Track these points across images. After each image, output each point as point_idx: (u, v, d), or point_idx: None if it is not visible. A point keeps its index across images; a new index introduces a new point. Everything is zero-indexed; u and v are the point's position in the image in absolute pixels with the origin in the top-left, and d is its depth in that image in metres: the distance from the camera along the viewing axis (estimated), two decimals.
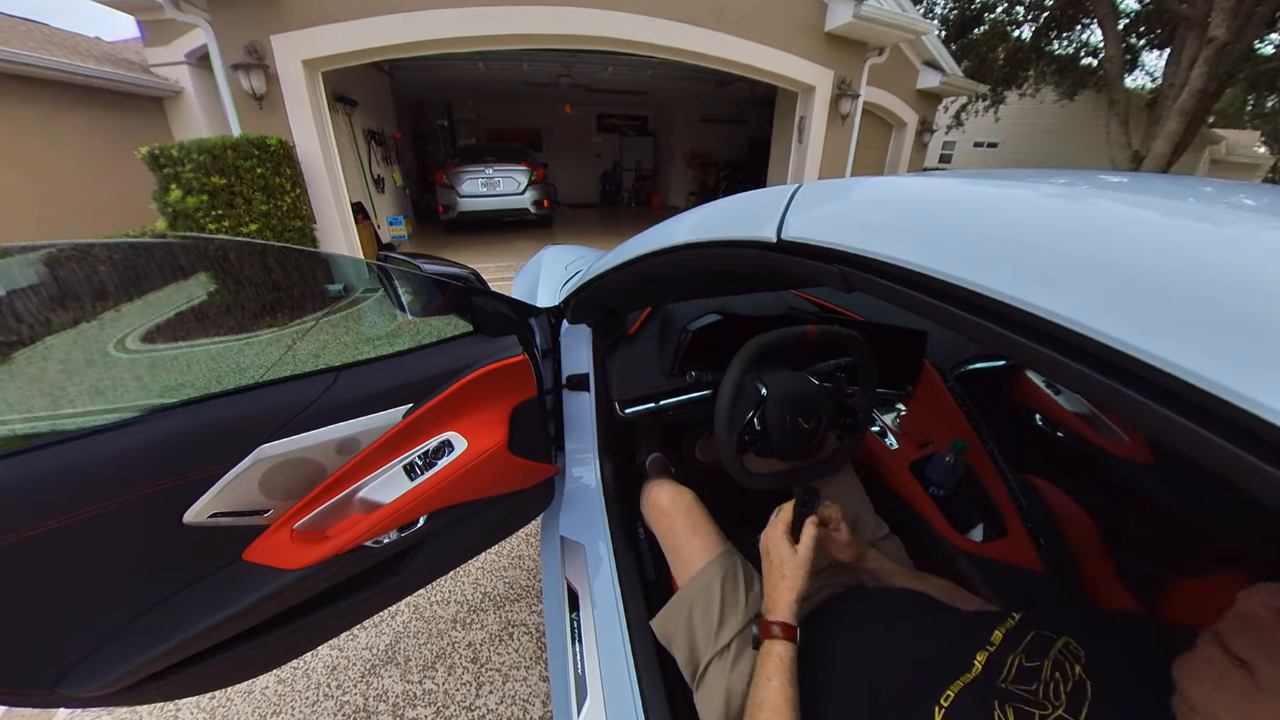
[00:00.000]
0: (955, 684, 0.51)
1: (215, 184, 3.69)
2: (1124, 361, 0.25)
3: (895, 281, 0.38)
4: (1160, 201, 0.32)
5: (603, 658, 0.78)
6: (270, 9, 4.11)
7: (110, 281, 0.87)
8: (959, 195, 0.38)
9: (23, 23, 6.39)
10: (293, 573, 0.70)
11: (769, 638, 0.61)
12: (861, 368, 0.92)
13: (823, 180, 0.53)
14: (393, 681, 1.37)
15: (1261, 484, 0.22)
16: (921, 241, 0.36)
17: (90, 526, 0.57)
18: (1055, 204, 0.34)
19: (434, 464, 0.81)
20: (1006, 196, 0.36)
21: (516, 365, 0.88)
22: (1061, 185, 0.37)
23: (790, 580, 0.65)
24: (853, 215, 0.44)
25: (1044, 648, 0.52)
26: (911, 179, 0.43)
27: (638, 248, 0.77)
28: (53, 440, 0.57)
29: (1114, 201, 0.35)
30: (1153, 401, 0.25)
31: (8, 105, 4.95)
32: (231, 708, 1.31)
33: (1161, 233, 0.28)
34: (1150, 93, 10.23)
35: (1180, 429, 0.24)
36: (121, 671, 0.62)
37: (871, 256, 0.39)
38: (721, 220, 0.62)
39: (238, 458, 0.64)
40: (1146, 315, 0.24)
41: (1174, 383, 0.23)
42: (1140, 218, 0.30)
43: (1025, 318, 0.29)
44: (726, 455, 0.82)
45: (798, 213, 0.49)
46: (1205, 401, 0.22)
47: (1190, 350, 0.23)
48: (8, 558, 0.54)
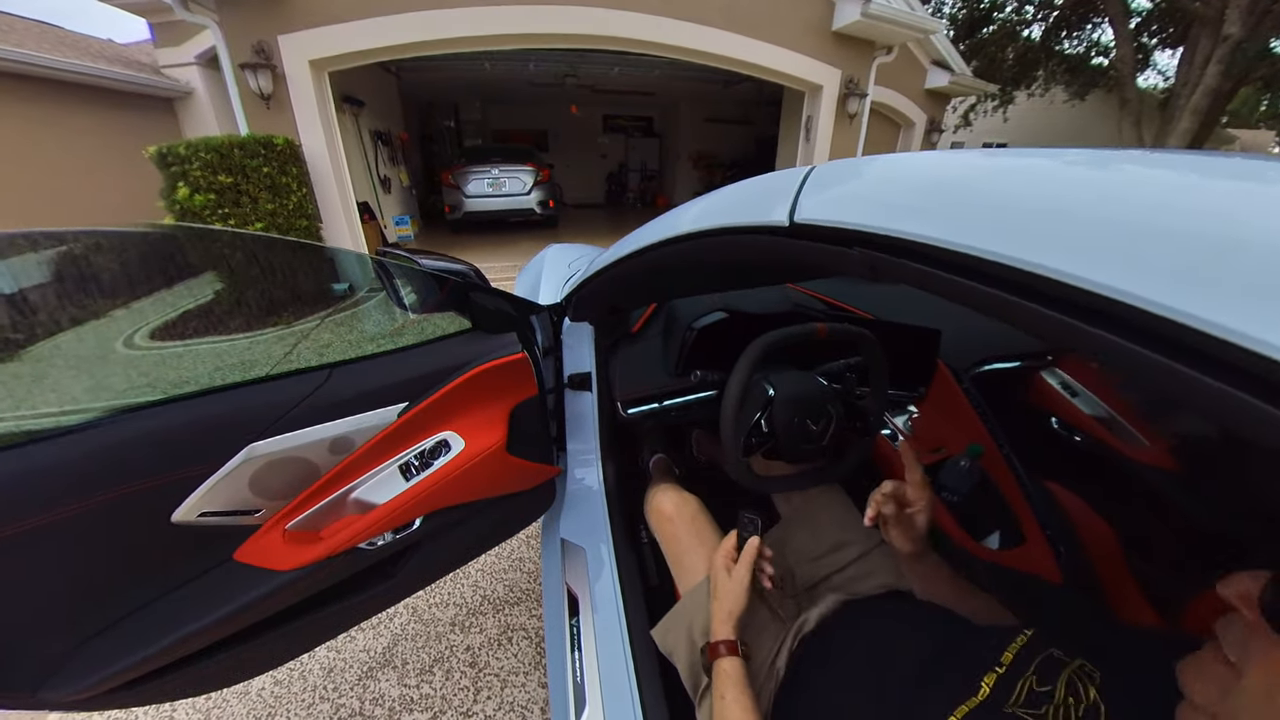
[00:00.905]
0: (961, 709, 0.49)
1: (222, 182, 3.71)
2: (1204, 344, 0.22)
3: (928, 264, 0.34)
4: (1227, 168, 0.28)
5: (602, 666, 0.76)
6: (277, 9, 4.13)
7: (115, 273, 0.85)
8: (998, 168, 0.35)
9: (36, 25, 6.47)
10: (285, 574, 0.68)
11: (715, 658, 0.63)
12: (872, 368, 0.89)
13: (839, 160, 0.49)
14: (390, 685, 1.35)
15: None
16: (958, 217, 0.33)
17: (75, 524, 0.56)
18: (1112, 174, 0.31)
19: (430, 464, 0.79)
20: (1052, 167, 0.32)
21: (516, 363, 0.86)
22: (1112, 156, 0.34)
23: (725, 603, 0.67)
24: (874, 193, 0.40)
25: (1056, 669, 0.50)
26: (939, 154, 0.40)
27: (641, 239, 0.75)
28: (39, 436, 0.56)
29: (1172, 170, 0.31)
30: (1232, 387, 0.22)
31: (23, 106, 5.01)
32: (227, 709, 1.30)
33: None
34: (1163, 92, 10.11)
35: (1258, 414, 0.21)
36: (107, 674, 0.60)
37: (899, 236, 0.35)
38: (729, 205, 0.59)
39: (227, 456, 0.62)
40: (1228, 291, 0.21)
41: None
42: (1213, 186, 0.26)
43: (1086, 298, 0.26)
44: (732, 458, 0.79)
45: (812, 194, 0.45)
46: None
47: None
48: (14, 549, 0.52)
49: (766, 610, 0.76)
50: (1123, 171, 0.32)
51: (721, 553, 0.72)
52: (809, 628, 0.71)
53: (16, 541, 0.53)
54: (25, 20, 6.39)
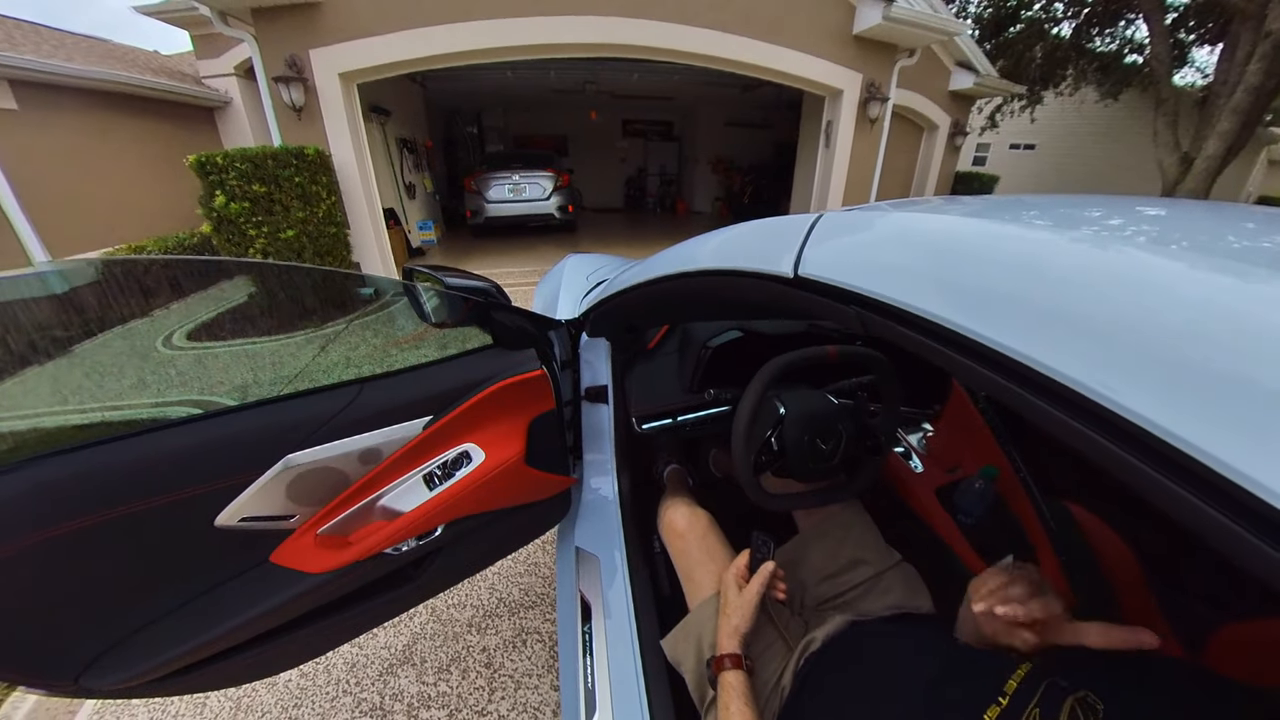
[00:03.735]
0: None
1: (256, 191, 3.86)
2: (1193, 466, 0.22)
3: (915, 331, 0.36)
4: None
5: (613, 672, 0.78)
6: (309, 24, 4.29)
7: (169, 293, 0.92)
8: (996, 238, 0.35)
9: (85, 40, 6.83)
10: (316, 576, 0.73)
11: (720, 670, 0.65)
12: (884, 387, 0.89)
13: (845, 210, 0.51)
14: (409, 682, 1.40)
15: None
16: (948, 291, 0.34)
17: (127, 524, 0.61)
18: (1113, 257, 0.30)
19: (452, 475, 0.82)
20: (1053, 244, 0.32)
21: (535, 380, 0.89)
22: (1117, 227, 0.34)
23: (732, 618, 0.70)
24: (872, 255, 0.42)
25: (1060, 699, 0.49)
26: (943, 214, 0.41)
27: (658, 269, 0.78)
28: (100, 440, 0.60)
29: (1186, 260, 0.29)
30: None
31: (78, 119, 5.29)
32: (256, 699, 1.36)
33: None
34: (1202, 90, 9.71)
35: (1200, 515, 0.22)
36: (148, 666, 0.65)
37: (890, 303, 0.37)
38: (740, 250, 0.62)
39: (267, 465, 0.67)
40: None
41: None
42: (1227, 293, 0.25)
43: (1070, 394, 0.26)
44: (744, 476, 0.81)
45: (816, 245, 0.48)
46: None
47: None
48: (53, 551, 0.57)
49: (774, 630, 0.77)
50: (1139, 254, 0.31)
51: (734, 570, 0.75)
52: (815, 647, 0.72)
53: (77, 537, 0.58)
54: (74, 35, 6.75)
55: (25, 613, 0.60)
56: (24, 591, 0.59)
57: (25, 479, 0.56)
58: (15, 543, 0.56)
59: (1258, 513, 0.21)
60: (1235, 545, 0.22)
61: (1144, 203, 0.41)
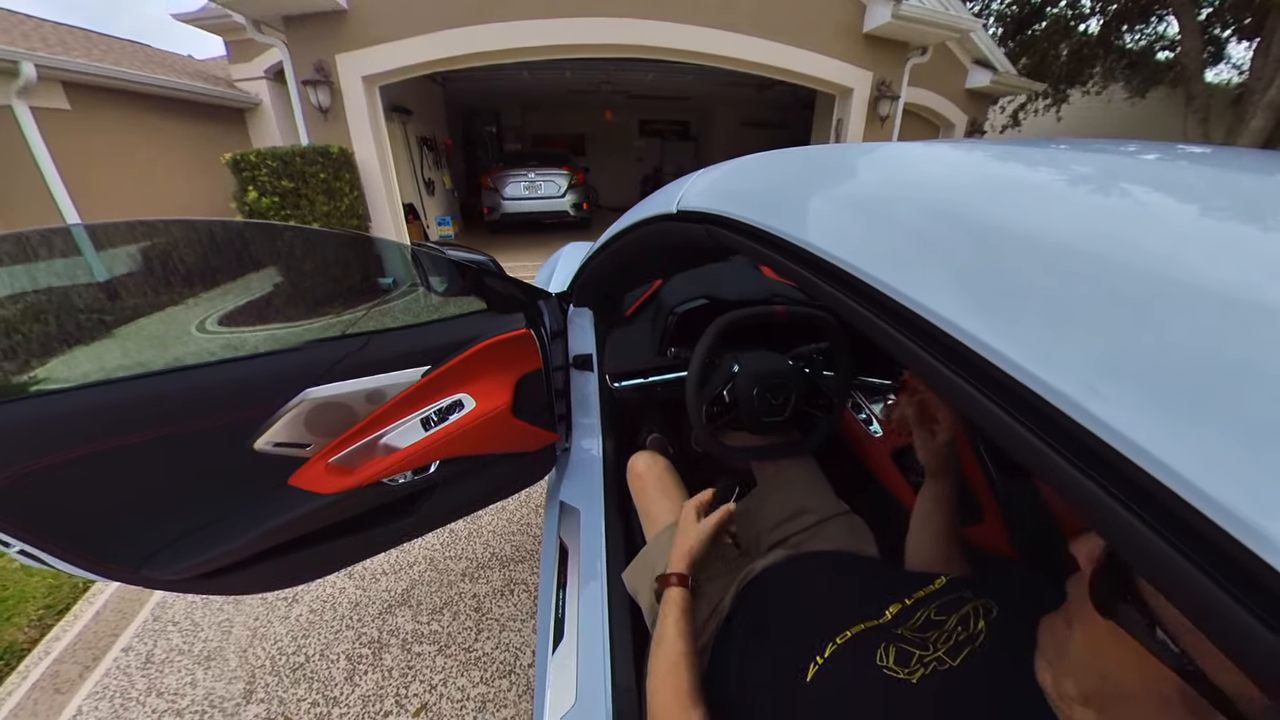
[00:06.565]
0: (858, 626, 0.53)
1: (285, 187, 4.10)
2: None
3: (744, 236, 0.48)
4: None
5: (582, 604, 0.88)
6: (336, 30, 4.51)
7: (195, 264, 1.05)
8: (808, 160, 0.48)
9: (129, 45, 7.22)
10: (325, 497, 0.86)
11: (666, 587, 0.70)
12: (835, 349, 0.98)
13: (719, 163, 0.67)
14: (405, 620, 1.56)
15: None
16: (765, 204, 0.46)
17: (180, 442, 0.74)
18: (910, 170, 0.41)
19: (446, 419, 0.95)
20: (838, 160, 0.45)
21: (520, 338, 1.01)
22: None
23: (688, 541, 0.74)
24: (720, 185, 0.56)
25: (958, 605, 0.52)
26: (780, 153, 0.53)
27: (605, 234, 0.90)
28: (166, 369, 0.74)
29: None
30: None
31: (126, 120, 5.63)
32: (270, 630, 1.54)
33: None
34: (1236, 87, 9.40)
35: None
36: (195, 561, 0.79)
37: (728, 217, 0.50)
38: (652, 203, 0.77)
39: (291, 396, 0.80)
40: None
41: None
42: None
43: (861, 285, 0.34)
44: (695, 421, 0.91)
45: (692, 186, 0.62)
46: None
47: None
48: (130, 457, 0.71)
49: (722, 564, 0.83)
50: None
51: (696, 500, 0.79)
52: (753, 574, 0.78)
53: (150, 446, 0.72)
54: (120, 40, 7.15)
55: (96, 513, 0.74)
56: (95, 493, 0.72)
57: (91, 397, 0.69)
58: (82, 448, 0.68)
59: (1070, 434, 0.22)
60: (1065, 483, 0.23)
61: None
